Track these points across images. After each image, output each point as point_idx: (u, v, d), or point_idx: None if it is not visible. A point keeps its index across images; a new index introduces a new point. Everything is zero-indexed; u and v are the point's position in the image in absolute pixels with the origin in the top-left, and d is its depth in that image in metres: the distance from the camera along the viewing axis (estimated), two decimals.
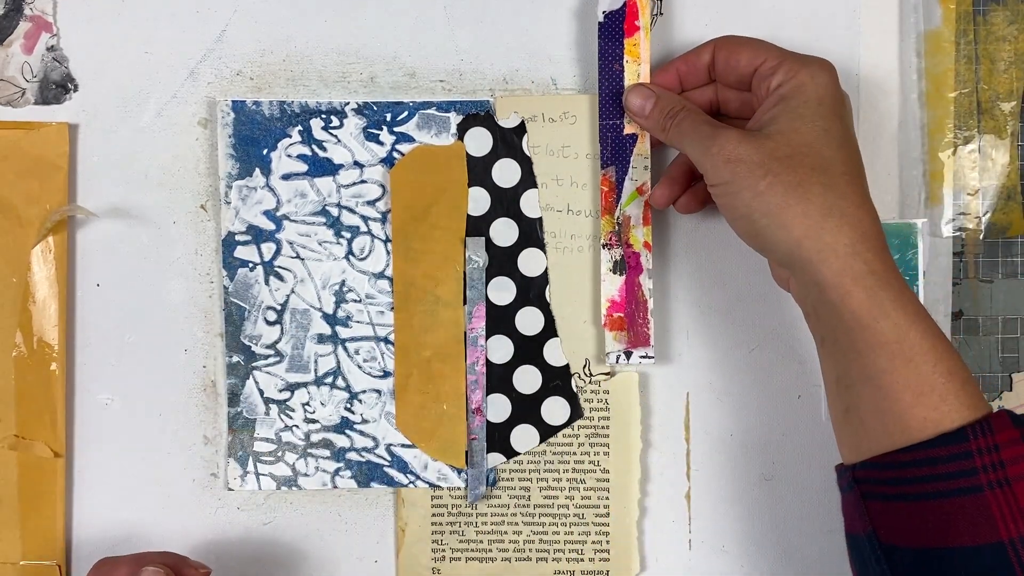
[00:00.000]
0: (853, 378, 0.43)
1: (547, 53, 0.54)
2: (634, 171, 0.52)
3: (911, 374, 0.41)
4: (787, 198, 0.43)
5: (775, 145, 0.44)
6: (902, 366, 0.41)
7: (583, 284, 0.54)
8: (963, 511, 0.39)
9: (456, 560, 0.54)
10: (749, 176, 0.44)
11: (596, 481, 0.54)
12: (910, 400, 0.41)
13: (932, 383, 0.41)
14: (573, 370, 0.54)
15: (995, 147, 0.54)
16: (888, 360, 0.41)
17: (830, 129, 0.44)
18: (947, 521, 0.40)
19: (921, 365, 0.41)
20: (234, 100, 0.54)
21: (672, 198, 0.52)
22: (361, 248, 0.54)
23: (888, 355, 0.41)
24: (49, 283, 0.53)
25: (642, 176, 0.52)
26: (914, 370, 0.41)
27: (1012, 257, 0.54)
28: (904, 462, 0.41)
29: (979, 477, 0.39)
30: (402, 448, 0.54)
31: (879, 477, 0.42)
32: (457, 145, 0.54)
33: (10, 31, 0.54)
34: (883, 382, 0.41)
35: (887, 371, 0.41)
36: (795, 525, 0.54)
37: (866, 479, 0.42)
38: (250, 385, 0.54)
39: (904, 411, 0.41)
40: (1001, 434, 0.40)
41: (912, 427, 0.41)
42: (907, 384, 0.41)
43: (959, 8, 0.54)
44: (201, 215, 0.54)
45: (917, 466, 0.40)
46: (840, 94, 0.46)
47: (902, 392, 0.41)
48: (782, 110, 0.45)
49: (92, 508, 0.54)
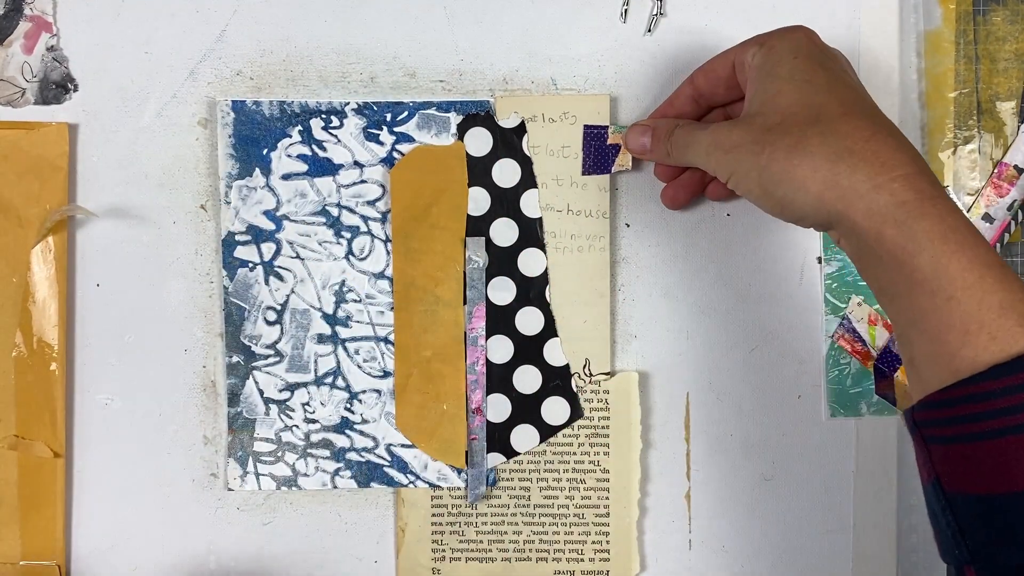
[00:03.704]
0: (904, 325, 0.39)
1: (547, 53, 0.54)
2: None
3: (955, 312, 0.37)
4: (790, 161, 0.41)
5: (764, 118, 0.43)
6: (943, 304, 0.37)
7: (583, 284, 0.54)
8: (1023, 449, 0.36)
9: (456, 560, 0.54)
10: (749, 156, 0.43)
11: (596, 481, 0.54)
12: (956, 341, 0.37)
13: (980, 320, 0.37)
14: (573, 370, 0.54)
15: (995, 147, 0.54)
16: (929, 299, 0.38)
17: (812, 79, 0.43)
18: (1008, 462, 0.36)
19: (964, 301, 0.37)
20: (234, 100, 0.54)
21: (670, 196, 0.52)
22: (361, 248, 0.54)
23: (928, 293, 0.38)
24: (49, 283, 0.53)
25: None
26: (957, 307, 0.37)
27: (1012, 257, 0.54)
28: (957, 398, 0.37)
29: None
30: (402, 448, 0.54)
31: (935, 418, 0.38)
32: (457, 145, 0.54)
33: (10, 31, 0.54)
34: (928, 324, 0.38)
35: (930, 311, 0.38)
36: (795, 525, 0.54)
37: (924, 421, 0.39)
38: (250, 385, 0.54)
39: (953, 354, 0.37)
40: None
41: (963, 370, 0.37)
42: (951, 324, 0.37)
43: (959, 8, 0.54)
44: (201, 215, 0.54)
45: (972, 401, 0.37)
46: (818, 47, 0.44)
47: (947, 333, 0.37)
48: (759, 79, 0.44)
49: (92, 508, 0.54)
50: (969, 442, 0.37)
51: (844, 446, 0.54)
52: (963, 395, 0.37)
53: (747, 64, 0.46)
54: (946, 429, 0.38)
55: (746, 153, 0.43)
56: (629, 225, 0.54)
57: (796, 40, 0.44)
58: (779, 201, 0.42)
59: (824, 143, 0.40)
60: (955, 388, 0.37)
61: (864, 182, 0.39)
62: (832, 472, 0.54)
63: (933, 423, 0.39)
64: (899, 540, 0.54)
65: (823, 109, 0.42)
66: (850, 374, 0.54)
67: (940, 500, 0.38)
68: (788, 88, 0.43)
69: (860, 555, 0.54)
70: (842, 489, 0.54)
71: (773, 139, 0.42)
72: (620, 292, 0.54)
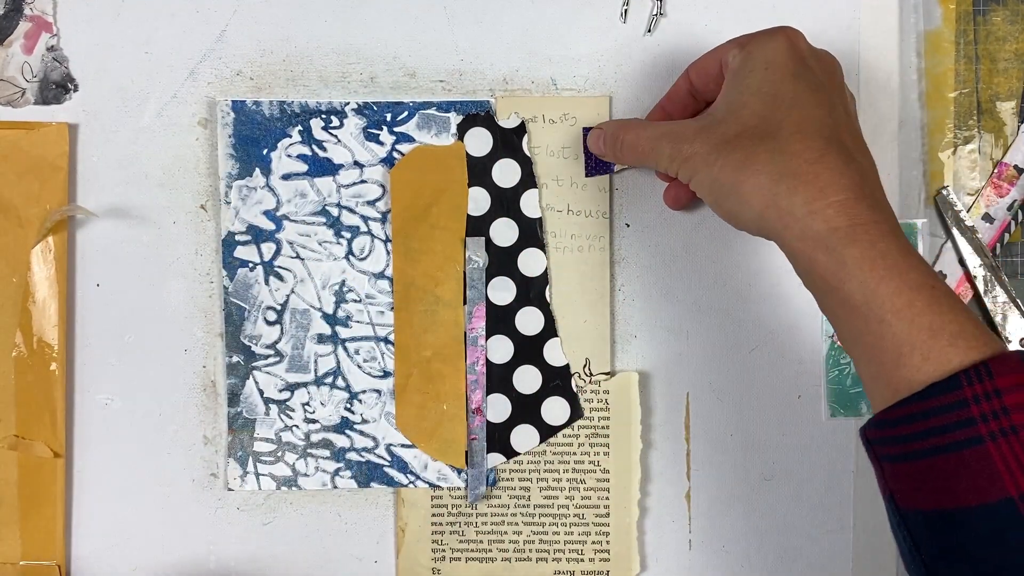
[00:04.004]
0: (846, 345, 0.40)
1: (547, 53, 0.54)
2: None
3: (887, 335, 0.38)
4: (738, 175, 0.41)
5: (724, 128, 0.43)
6: (876, 327, 0.38)
7: (583, 284, 0.54)
8: (964, 466, 0.36)
9: (456, 560, 0.54)
10: (704, 166, 0.43)
11: (596, 481, 0.54)
12: (892, 362, 0.38)
13: (912, 342, 0.38)
14: (573, 370, 0.54)
15: (995, 147, 0.54)
16: (863, 323, 0.39)
17: (779, 93, 0.42)
18: (949, 479, 0.36)
19: (895, 324, 0.38)
20: (234, 100, 0.54)
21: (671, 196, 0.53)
22: (361, 248, 0.54)
23: (861, 318, 0.39)
24: (49, 283, 0.53)
25: None
26: (888, 330, 0.38)
27: (1012, 257, 0.54)
28: (898, 418, 0.38)
29: (978, 427, 0.36)
30: (402, 448, 0.54)
31: (883, 436, 0.39)
32: (457, 145, 0.54)
33: (10, 31, 0.54)
34: (865, 346, 0.39)
35: (864, 334, 0.39)
36: (795, 525, 0.54)
37: (875, 440, 0.40)
38: (250, 385, 0.54)
39: (890, 375, 0.38)
40: (1004, 378, 0.36)
41: (900, 391, 0.38)
42: (884, 346, 0.38)
43: (959, 8, 0.54)
44: (201, 215, 0.54)
45: (912, 421, 0.37)
46: (796, 55, 0.43)
47: (882, 354, 0.38)
48: (730, 86, 0.44)
49: (92, 508, 0.54)
50: (915, 460, 0.38)
51: (844, 446, 0.54)
52: (904, 415, 0.38)
53: (727, 65, 0.46)
54: (893, 447, 0.39)
55: (701, 162, 0.43)
56: (629, 225, 0.54)
57: (774, 48, 0.44)
58: (727, 212, 0.43)
59: (771, 160, 0.41)
60: (895, 408, 0.38)
61: (801, 206, 0.40)
62: (832, 472, 0.54)
63: (881, 441, 0.39)
64: None
65: (779, 125, 0.42)
66: (850, 374, 0.54)
67: (895, 516, 0.39)
68: (752, 101, 0.43)
69: (860, 555, 0.54)
70: (842, 489, 0.54)
71: (727, 151, 0.42)
72: (620, 292, 0.54)
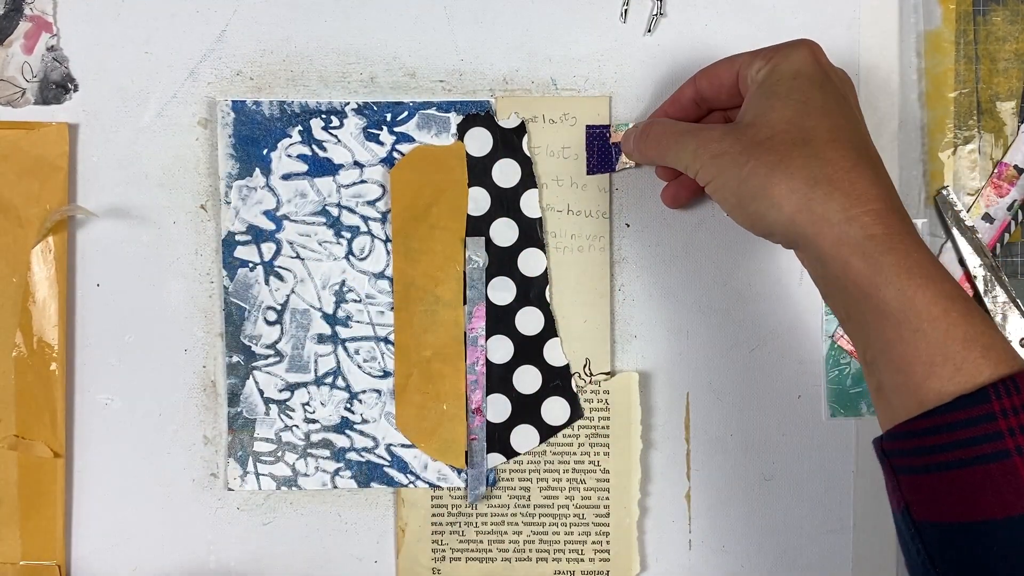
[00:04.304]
0: (873, 354, 0.40)
1: (547, 53, 0.54)
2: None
3: (920, 344, 0.38)
4: (770, 177, 0.42)
5: (755, 131, 0.43)
6: (909, 336, 0.38)
7: (583, 284, 0.54)
8: (991, 479, 0.36)
9: (456, 560, 0.54)
10: (732, 166, 0.43)
11: (596, 481, 0.54)
12: (922, 372, 0.38)
13: (945, 352, 0.38)
14: (573, 370, 0.54)
15: (995, 147, 0.54)
16: (895, 330, 0.39)
17: (809, 100, 0.43)
18: (974, 492, 0.37)
19: (930, 333, 0.38)
20: (234, 100, 0.54)
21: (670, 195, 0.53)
22: (361, 248, 0.54)
23: (894, 325, 0.39)
24: (49, 283, 0.53)
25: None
26: (923, 339, 0.38)
27: (1012, 257, 0.54)
28: (923, 429, 0.38)
29: (1006, 441, 0.36)
30: (402, 448, 0.54)
31: (903, 448, 0.39)
32: (457, 145, 0.54)
33: (10, 31, 0.54)
34: (894, 355, 0.39)
35: (896, 342, 0.39)
36: (795, 525, 0.54)
37: (892, 451, 0.40)
38: (250, 385, 0.54)
39: (919, 385, 0.38)
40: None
41: (928, 402, 0.38)
42: (917, 355, 0.38)
43: (959, 8, 0.54)
44: (201, 215, 0.54)
45: (936, 433, 0.37)
46: (821, 67, 0.44)
47: (913, 364, 0.38)
48: (758, 94, 0.45)
49: (92, 508, 0.54)
50: (936, 472, 0.38)
51: (844, 446, 0.54)
52: (930, 426, 0.38)
53: (750, 78, 0.46)
54: (914, 459, 0.39)
55: (730, 162, 0.43)
56: (629, 225, 0.54)
57: (800, 59, 0.44)
58: (751, 214, 0.43)
59: (806, 165, 0.41)
60: (921, 419, 0.38)
61: (837, 212, 0.40)
62: (832, 472, 0.54)
63: (901, 453, 0.39)
64: None
65: (812, 132, 0.42)
66: (850, 374, 0.54)
67: (910, 528, 0.39)
68: (782, 106, 0.43)
69: (860, 555, 0.54)
70: (842, 489, 0.54)
71: (759, 153, 0.42)
72: (620, 292, 0.54)
